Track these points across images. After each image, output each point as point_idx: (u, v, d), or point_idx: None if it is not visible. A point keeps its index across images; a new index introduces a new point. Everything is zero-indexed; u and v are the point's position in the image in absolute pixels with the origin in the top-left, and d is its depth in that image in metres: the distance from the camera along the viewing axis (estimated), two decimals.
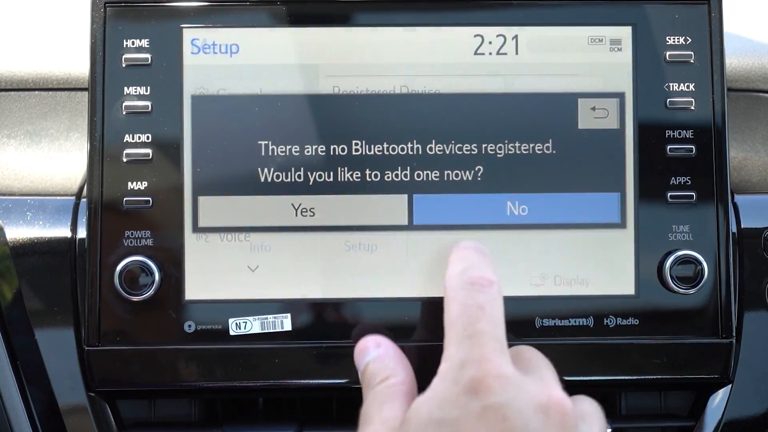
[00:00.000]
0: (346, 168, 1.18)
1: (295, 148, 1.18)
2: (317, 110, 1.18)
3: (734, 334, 1.19)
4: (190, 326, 1.17)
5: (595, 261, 1.18)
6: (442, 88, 1.18)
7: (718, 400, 1.22)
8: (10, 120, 1.32)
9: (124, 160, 1.18)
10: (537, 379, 0.80)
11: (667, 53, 1.20)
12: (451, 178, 1.18)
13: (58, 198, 1.23)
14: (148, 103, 1.18)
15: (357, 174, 1.18)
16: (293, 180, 1.18)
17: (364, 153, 1.18)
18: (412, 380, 0.89)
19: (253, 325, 1.17)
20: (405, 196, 1.18)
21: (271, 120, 1.18)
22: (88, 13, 1.19)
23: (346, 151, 1.18)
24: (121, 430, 1.20)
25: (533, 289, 1.18)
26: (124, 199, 1.17)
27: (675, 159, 1.19)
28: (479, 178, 1.18)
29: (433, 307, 1.18)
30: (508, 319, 1.18)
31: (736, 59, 1.36)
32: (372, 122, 1.18)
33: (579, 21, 1.19)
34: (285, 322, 1.18)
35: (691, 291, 1.18)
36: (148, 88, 1.18)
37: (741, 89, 1.35)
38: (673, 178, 1.19)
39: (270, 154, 1.18)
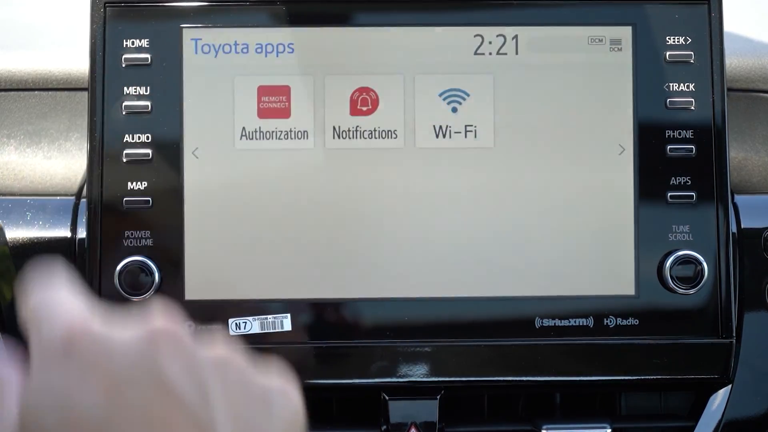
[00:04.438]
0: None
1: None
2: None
3: (734, 334, 1.19)
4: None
5: (595, 261, 1.18)
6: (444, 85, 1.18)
7: (718, 401, 1.22)
8: (10, 120, 1.32)
9: (124, 160, 1.18)
10: (135, 322, 0.75)
11: (667, 53, 1.20)
12: None
13: (58, 198, 1.23)
14: (148, 103, 1.18)
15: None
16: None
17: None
18: (12, 369, 0.84)
19: (253, 325, 1.17)
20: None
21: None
22: (88, 13, 1.19)
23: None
24: None
25: (533, 289, 1.18)
26: (124, 199, 1.17)
27: (675, 159, 1.19)
28: None
29: (434, 307, 1.18)
30: (509, 319, 1.18)
31: (736, 59, 1.36)
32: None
33: (579, 21, 1.19)
34: (285, 322, 1.17)
35: (691, 291, 1.18)
36: (148, 88, 1.18)
37: (741, 89, 1.35)
38: (673, 178, 1.19)
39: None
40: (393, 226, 1.18)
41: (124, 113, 1.18)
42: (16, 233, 1.21)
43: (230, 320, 1.17)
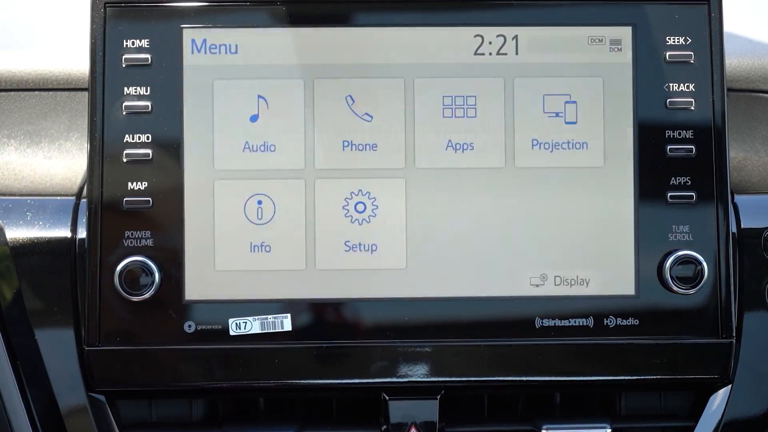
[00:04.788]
0: None
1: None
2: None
3: (734, 334, 1.19)
4: (190, 326, 1.17)
5: (595, 261, 1.18)
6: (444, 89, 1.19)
7: (718, 401, 1.22)
8: (10, 120, 1.32)
9: (124, 160, 1.18)
10: None
11: (667, 53, 1.20)
12: None
13: (58, 198, 1.23)
14: (148, 103, 1.18)
15: None
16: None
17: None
18: None
19: (253, 325, 1.17)
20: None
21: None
22: (88, 13, 1.19)
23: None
24: (121, 430, 1.20)
25: (533, 289, 1.18)
26: (124, 199, 1.17)
27: (675, 159, 1.19)
28: None
29: (434, 307, 1.18)
30: (509, 319, 1.18)
31: (736, 59, 1.36)
32: None
33: (579, 21, 1.19)
34: (285, 322, 1.18)
35: (691, 291, 1.18)
36: (148, 88, 1.18)
37: (741, 89, 1.35)
38: (673, 178, 1.19)
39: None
40: (392, 227, 1.18)
41: (124, 113, 1.18)
42: (16, 233, 1.21)
43: (230, 320, 1.17)
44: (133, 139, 1.18)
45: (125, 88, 1.18)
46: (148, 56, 1.18)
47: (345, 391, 1.23)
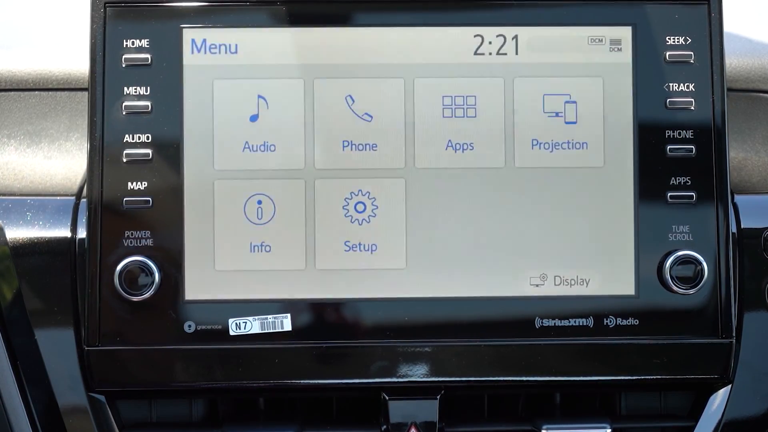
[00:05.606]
0: None
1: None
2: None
3: (734, 334, 1.19)
4: (190, 326, 1.17)
5: (595, 261, 1.18)
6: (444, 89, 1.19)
7: (718, 400, 1.22)
8: (10, 120, 1.32)
9: (124, 160, 1.18)
10: None
11: (667, 53, 1.20)
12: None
13: (58, 198, 1.23)
14: (148, 103, 1.18)
15: None
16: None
17: None
18: None
19: (253, 325, 1.17)
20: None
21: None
22: (88, 13, 1.19)
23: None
24: (121, 430, 1.20)
25: (533, 289, 1.18)
26: (124, 199, 1.17)
27: (675, 159, 1.19)
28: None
29: (434, 307, 1.18)
30: (509, 319, 1.18)
31: (736, 59, 1.36)
32: None
33: (579, 21, 1.19)
34: (285, 322, 1.18)
35: (691, 291, 1.18)
36: (148, 88, 1.18)
37: (741, 89, 1.35)
38: (673, 178, 1.19)
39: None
40: (392, 227, 1.18)
41: (124, 113, 1.18)
42: (16, 233, 1.21)
43: (230, 320, 1.17)
44: (133, 139, 1.18)
45: (125, 88, 1.18)
46: (148, 56, 1.18)
47: (345, 391, 1.23)
